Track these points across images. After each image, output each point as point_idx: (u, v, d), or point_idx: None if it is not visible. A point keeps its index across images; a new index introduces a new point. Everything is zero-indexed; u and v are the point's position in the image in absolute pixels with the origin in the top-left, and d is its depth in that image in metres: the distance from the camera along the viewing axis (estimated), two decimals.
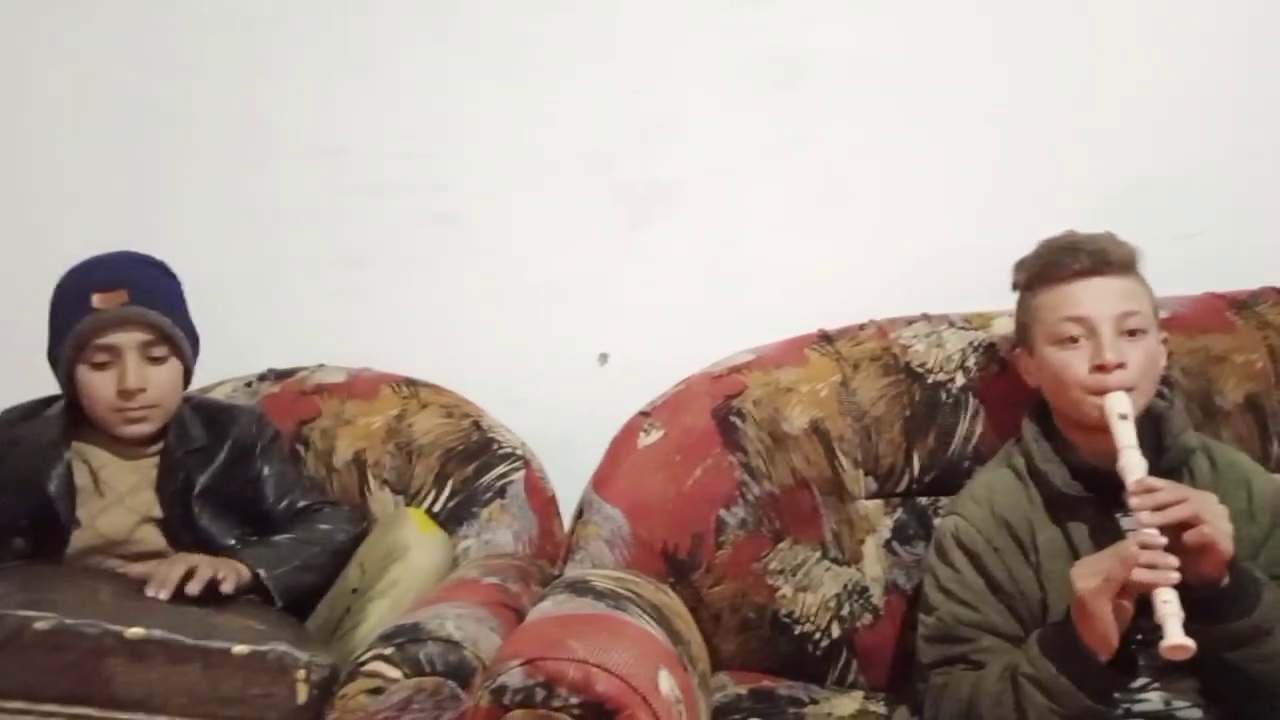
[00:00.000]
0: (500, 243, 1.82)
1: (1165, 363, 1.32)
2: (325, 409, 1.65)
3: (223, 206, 1.85)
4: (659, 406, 1.50)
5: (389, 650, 1.13)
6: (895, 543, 1.45)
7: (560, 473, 1.63)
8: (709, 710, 1.29)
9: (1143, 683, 1.18)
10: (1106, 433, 1.18)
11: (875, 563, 1.45)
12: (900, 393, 1.47)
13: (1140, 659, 1.14)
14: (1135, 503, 1.12)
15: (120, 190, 1.85)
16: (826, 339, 1.53)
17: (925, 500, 1.46)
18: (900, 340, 1.50)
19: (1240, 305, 1.51)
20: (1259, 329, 1.48)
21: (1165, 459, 1.23)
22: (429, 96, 1.82)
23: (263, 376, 1.71)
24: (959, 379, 1.47)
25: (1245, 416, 1.44)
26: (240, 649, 1.15)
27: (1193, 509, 1.10)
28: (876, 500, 1.47)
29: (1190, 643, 1.03)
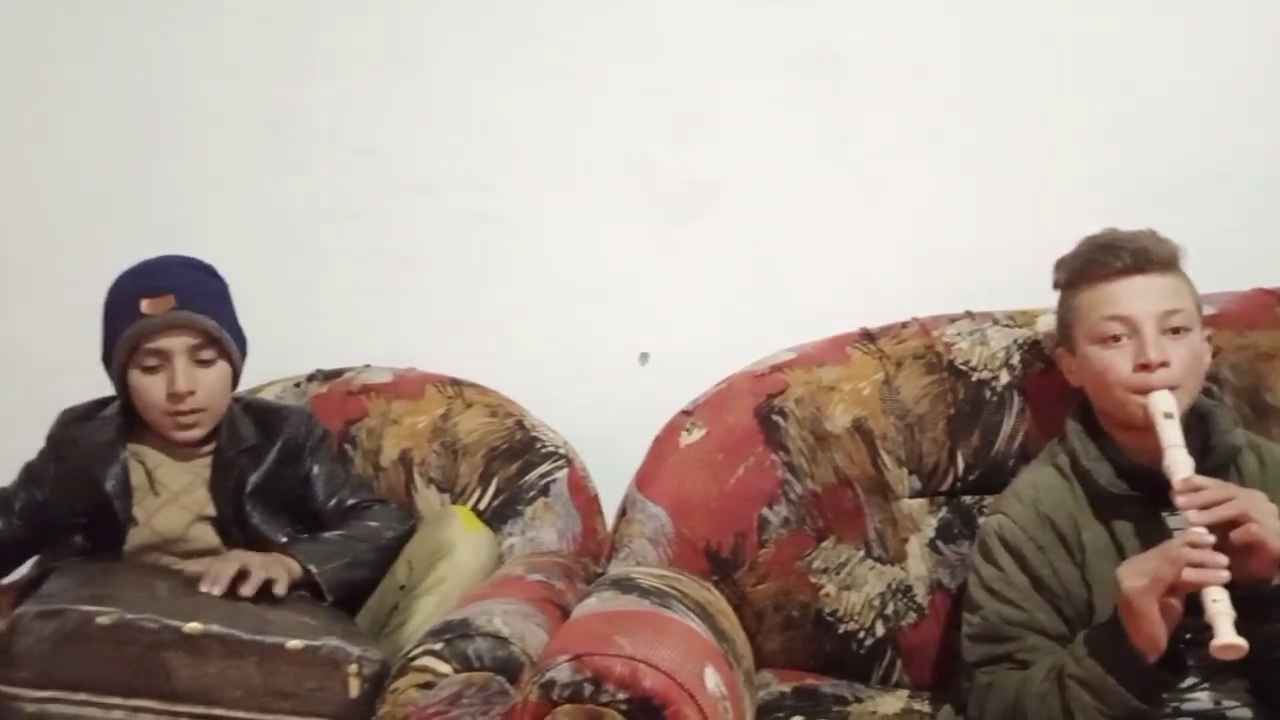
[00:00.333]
0: (541, 242, 1.84)
1: (1211, 360, 1.31)
2: (372, 409, 1.68)
3: (268, 209, 1.88)
4: (701, 405, 1.50)
5: (439, 645, 1.14)
6: (939, 541, 1.45)
7: (602, 471, 1.64)
8: (754, 707, 1.30)
9: (1191, 682, 1.17)
10: (1151, 432, 1.18)
11: (919, 561, 1.45)
12: (944, 391, 1.47)
13: (1189, 658, 1.13)
14: (1182, 501, 1.11)
15: (168, 193, 1.88)
16: (869, 337, 1.53)
17: (970, 499, 1.46)
18: (943, 338, 1.50)
19: None
20: None
21: (1212, 457, 1.22)
22: (470, 97, 1.84)
23: (311, 377, 1.74)
24: (1003, 377, 1.46)
25: None
26: (294, 643, 1.17)
27: (1240, 507, 1.09)
28: (920, 499, 1.46)
29: (1242, 642, 1.02)
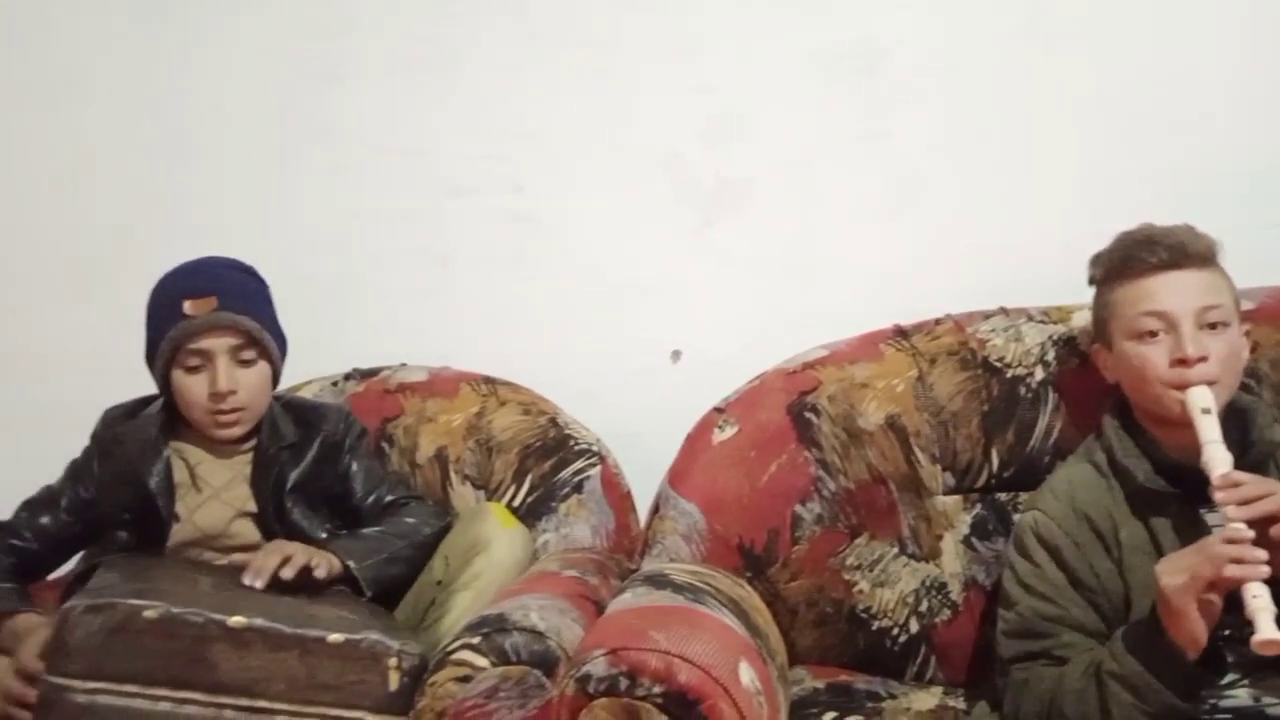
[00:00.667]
0: (576, 242, 1.85)
1: (1249, 355, 1.30)
2: (408, 407, 1.69)
3: (308, 210, 1.90)
4: (733, 402, 1.51)
5: (476, 640, 1.16)
6: (974, 538, 1.44)
7: (635, 468, 1.65)
8: (787, 703, 1.30)
9: (1231, 679, 1.16)
10: (1189, 428, 1.17)
11: (954, 558, 1.44)
12: (978, 388, 1.46)
13: (1229, 655, 1.12)
14: (1220, 497, 1.11)
15: (210, 195, 1.91)
16: (902, 334, 1.52)
17: (1005, 496, 1.45)
18: (978, 334, 1.49)
19: None
20: None
21: (1251, 453, 1.21)
22: (506, 99, 1.85)
23: (348, 376, 1.76)
24: (1038, 373, 1.46)
25: None
26: (335, 637, 1.18)
27: None
28: (955, 496, 1.46)
29: None
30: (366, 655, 1.19)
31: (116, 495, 1.46)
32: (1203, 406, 1.17)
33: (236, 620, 1.18)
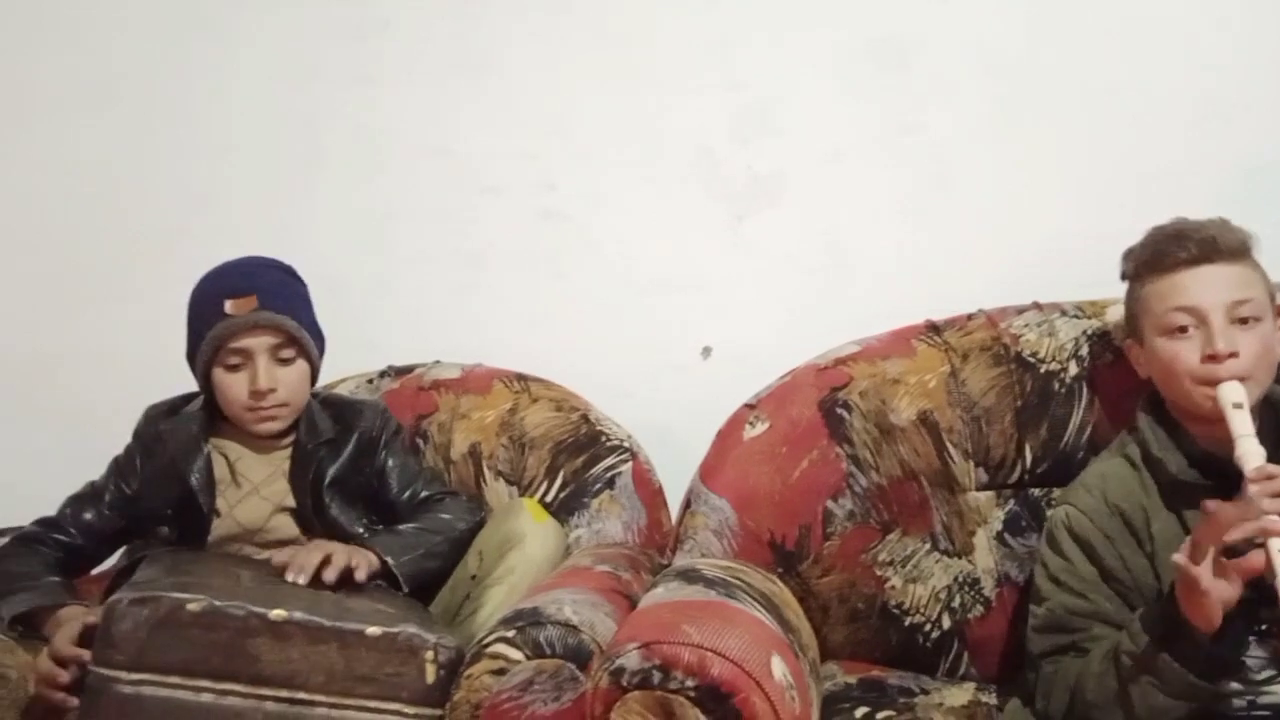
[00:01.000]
0: (608, 239, 1.86)
1: None
2: (442, 404, 1.72)
3: (344, 210, 1.93)
4: (764, 398, 1.51)
5: (511, 633, 1.17)
6: (1007, 534, 1.44)
7: (667, 464, 1.66)
8: (820, 698, 1.30)
9: (1268, 675, 1.15)
10: (1222, 423, 1.16)
11: (987, 554, 1.44)
12: (1011, 383, 1.46)
13: (1262, 650, 1.11)
14: (1254, 490, 1.09)
15: (250, 196, 1.95)
16: (934, 329, 1.52)
17: (1038, 491, 1.44)
18: (1011, 330, 1.49)
19: None
20: None
21: None
22: (538, 98, 1.87)
23: (383, 373, 1.78)
24: (1072, 368, 1.45)
25: None
26: (373, 630, 1.20)
27: None
28: (988, 492, 1.46)
29: None
30: (404, 648, 1.20)
31: (159, 491, 1.49)
32: (1234, 401, 1.16)
33: (277, 613, 1.19)
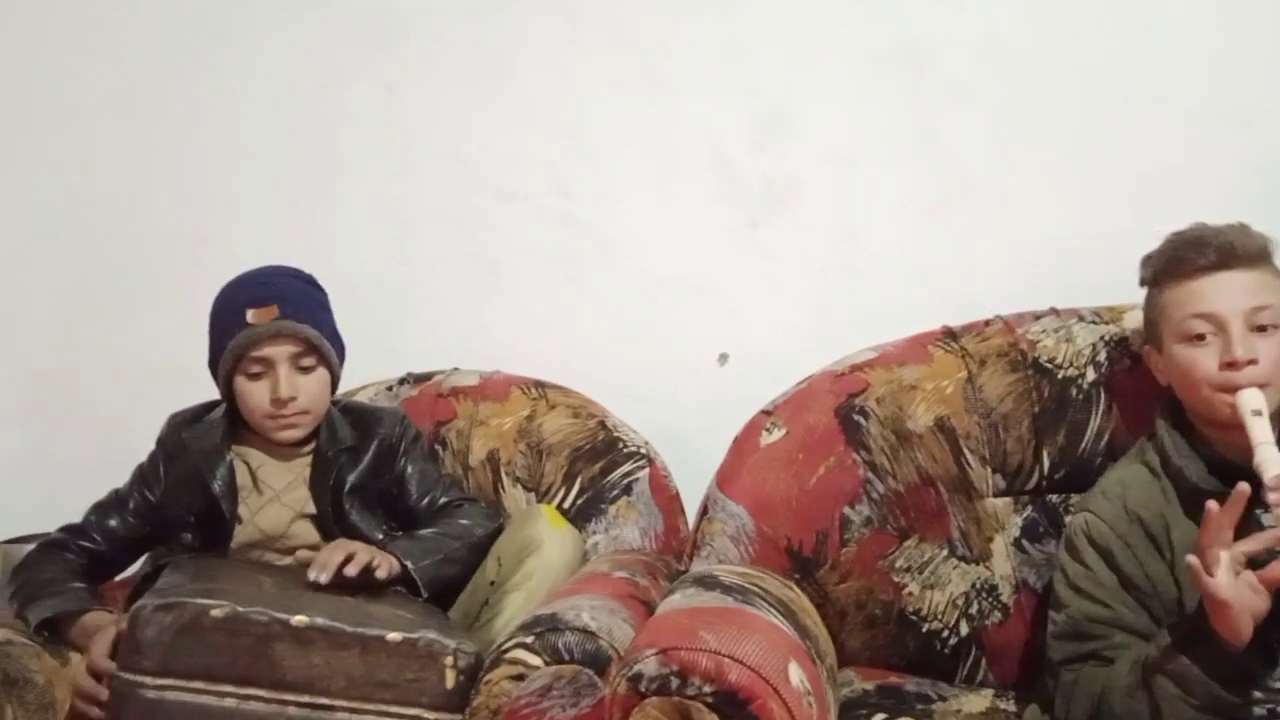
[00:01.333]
0: (624, 245, 1.87)
1: None
2: (460, 411, 1.72)
3: (363, 217, 1.95)
4: (781, 405, 1.51)
5: (530, 639, 1.17)
6: (1025, 540, 1.44)
7: (684, 470, 1.66)
8: (837, 704, 1.31)
9: None
10: (1241, 430, 1.16)
11: (1004, 561, 1.44)
12: (1028, 389, 1.46)
13: None
14: (1274, 498, 1.09)
15: (273, 204, 1.97)
16: (951, 335, 1.52)
17: (1056, 498, 1.44)
18: (1028, 335, 1.49)
19: None
20: None
21: None
22: (554, 105, 1.88)
23: (402, 380, 1.80)
24: (1090, 374, 1.45)
25: None
26: (394, 636, 1.21)
27: None
28: (1005, 498, 1.45)
29: None
30: (424, 654, 1.21)
31: (181, 498, 1.50)
32: (1253, 408, 1.16)
33: (299, 619, 1.20)
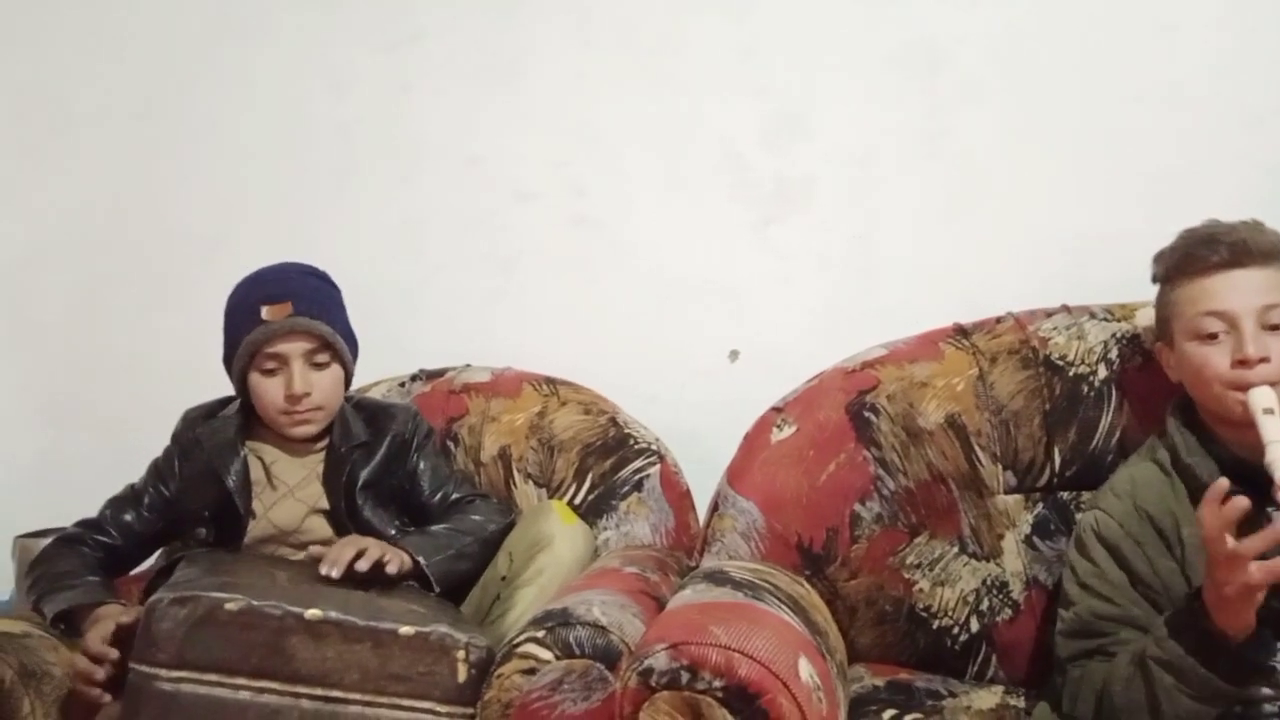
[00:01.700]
0: (636, 244, 1.88)
1: None
2: (472, 407, 1.74)
3: (377, 217, 1.96)
4: (791, 402, 1.51)
5: (541, 633, 1.18)
6: (1036, 538, 1.44)
7: (694, 467, 1.67)
8: (847, 700, 1.31)
9: None
10: (1253, 428, 1.15)
11: (1015, 558, 1.44)
12: (1039, 386, 1.46)
13: None
14: None
15: (288, 204, 1.99)
16: (962, 333, 1.52)
17: (1067, 495, 1.44)
18: (1039, 333, 1.49)
19: None
20: None
21: None
22: (568, 106, 1.89)
23: (414, 377, 1.81)
24: (1101, 371, 1.44)
25: None
26: (406, 630, 1.22)
27: None
28: (1016, 495, 1.45)
29: None
30: (436, 647, 1.22)
31: (196, 493, 1.52)
32: (1265, 407, 1.15)
33: (313, 613, 1.21)
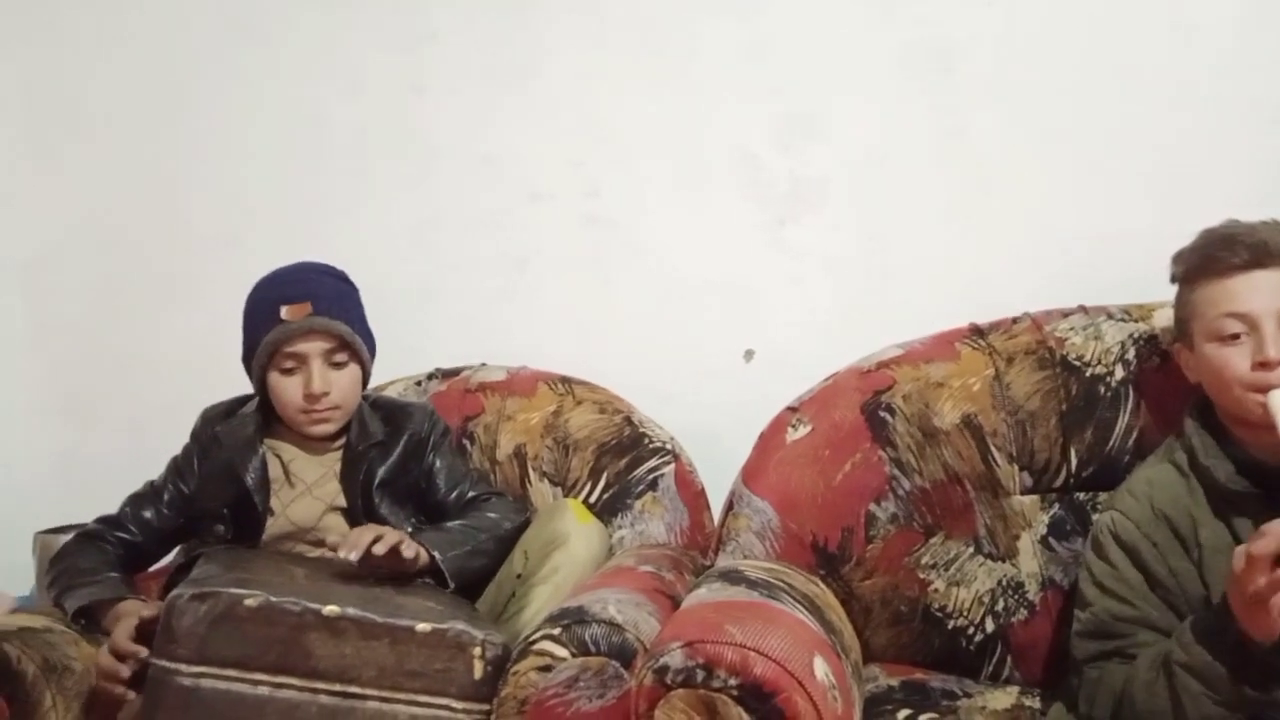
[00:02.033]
0: (651, 244, 1.88)
1: None
2: (488, 406, 1.75)
3: (393, 217, 1.97)
4: (807, 401, 1.51)
5: (557, 631, 1.19)
6: (1052, 538, 1.43)
7: (709, 466, 1.67)
8: (862, 699, 1.31)
9: None
10: (1272, 430, 1.15)
11: (1031, 558, 1.44)
12: (1056, 386, 1.45)
13: None
14: None
15: (303, 204, 2.00)
16: (978, 333, 1.52)
17: (1083, 496, 1.44)
18: (1056, 333, 1.48)
19: None
20: None
21: None
22: (582, 106, 1.89)
23: (431, 375, 1.82)
24: (1118, 372, 1.44)
25: None
26: (423, 626, 1.23)
27: None
28: (1032, 496, 1.45)
29: None
30: (453, 644, 1.23)
31: (215, 490, 1.53)
32: None
33: (331, 609, 1.22)
